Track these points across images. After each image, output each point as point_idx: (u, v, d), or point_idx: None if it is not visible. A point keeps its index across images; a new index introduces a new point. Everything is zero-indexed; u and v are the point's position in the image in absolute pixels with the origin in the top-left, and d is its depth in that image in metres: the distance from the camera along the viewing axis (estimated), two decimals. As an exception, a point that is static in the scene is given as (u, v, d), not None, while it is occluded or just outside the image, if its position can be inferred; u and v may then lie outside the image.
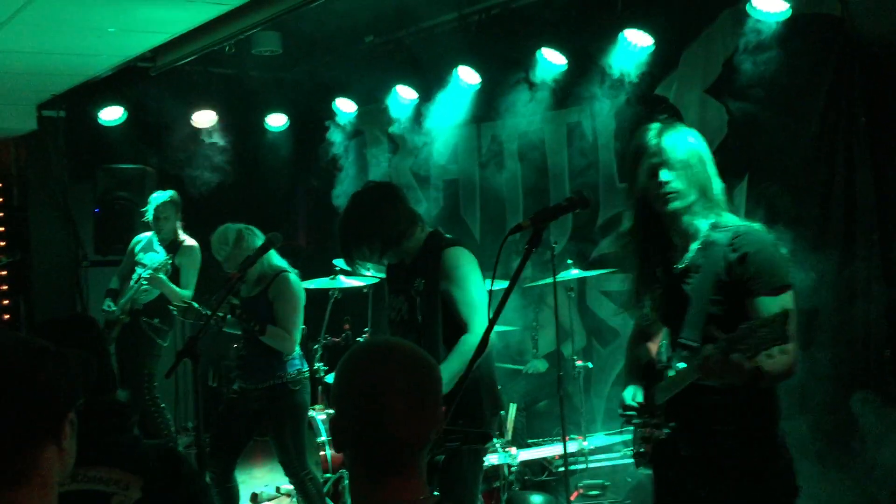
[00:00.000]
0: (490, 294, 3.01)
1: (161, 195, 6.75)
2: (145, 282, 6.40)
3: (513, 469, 5.04)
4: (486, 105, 6.80)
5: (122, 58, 6.62)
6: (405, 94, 7.13)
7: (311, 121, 8.13)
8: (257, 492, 6.63)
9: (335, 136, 7.84)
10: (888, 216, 4.63)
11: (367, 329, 6.56)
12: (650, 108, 5.08)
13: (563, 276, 5.43)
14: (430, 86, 6.83)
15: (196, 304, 5.27)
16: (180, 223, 6.80)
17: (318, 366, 6.20)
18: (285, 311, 5.16)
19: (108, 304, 6.70)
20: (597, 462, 5.32)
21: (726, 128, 5.34)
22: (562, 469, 4.93)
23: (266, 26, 6.12)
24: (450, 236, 4.02)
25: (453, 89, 6.67)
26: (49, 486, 1.76)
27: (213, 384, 6.81)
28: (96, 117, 7.75)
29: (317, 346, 6.41)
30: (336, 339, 6.54)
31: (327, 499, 5.53)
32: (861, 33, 4.58)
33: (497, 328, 3.86)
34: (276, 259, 5.24)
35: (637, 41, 5.50)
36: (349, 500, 5.44)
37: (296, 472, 5.29)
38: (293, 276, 5.26)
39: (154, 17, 5.60)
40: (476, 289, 3.82)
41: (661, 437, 3.05)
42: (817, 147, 4.87)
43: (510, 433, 5.34)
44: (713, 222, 2.95)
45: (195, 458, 3.67)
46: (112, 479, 2.47)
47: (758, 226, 2.93)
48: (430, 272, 3.85)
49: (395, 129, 7.52)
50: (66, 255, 8.32)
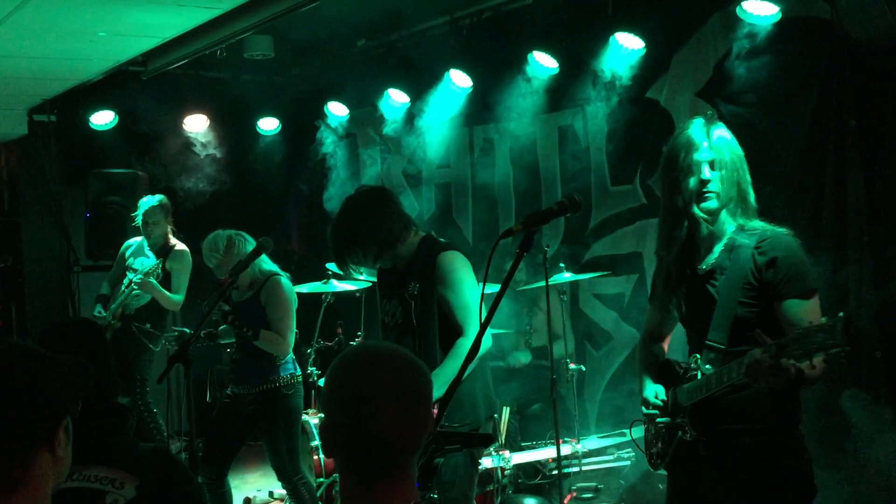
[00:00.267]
0: (482, 297, 3.00)
1: (150, 199, 6.71)
2: (136, 287, 6.39)
3: (506, 472, 5.03)
4: (478, 108, 6.81)
5: (113, 62, 6.60)
6: (397, 97, 7.13)
7: (304, 125, 8.12)
8: (250, 496, 6.62)
9: (327, 139, 7.83)
10: (879, 218, 4.65)
11: (359, 333, 6.55)
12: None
13: (555, 279, 5.44)
14: (422, 89, 6.83)
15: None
16: (170, 227, 6.77)
17: (311, 370, 6.19)
18: (278, 315, 5.15)
19: (99, 309, 6.67)
20: (590, 465, 5.32)
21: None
22: (555, 472, 4.94)
23: (258, 30, 6.12)
24: (443, 240, 4.01)
25: (445, 92, 6.68)
26: (42, 493, 1.74)
27: (209, 400, 6.76)
28: (87, 122, 7.73)
29: (310, 351, 6.40)
30: (329, 344, 6.53)
31: (320, 503, 5.52)
32: (851, 36, 4.59)
33: (490, 331, 3.87)
34: (266, 263, 5.23)
35: (628, 44, 5.52)
36: (342, 505, 5.43)
37: (289, 476, 5.27)
38: (284, 279, 5.25)
39: (145, 21, 5.59)
40: (470, 292, 3.81)
41: (686, 439, 3.01)
42: (808, 149, 4.89)
43: (503, 436, 5.33)
44: (740, 224, 2.95)
45: (188, 462, 3.66)
46: (107, 478, 2.48)
47: (783, 230, 2.93)
48: (425, 276, 3.84)
49: (387, 132, 7.52)
50: (57, 260, 8.27)
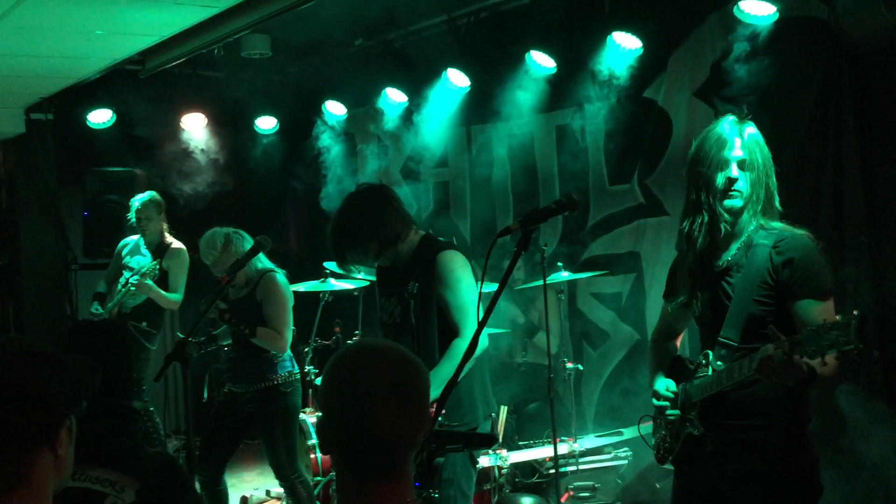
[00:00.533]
0: (479, 297, 3.00)
1: (141, 196, 6.68)
2: (133, 287, 6.37)
3: (503, 471, 5.03)
4: (476, 107, 6.81)
5: (110, 61, 6.59)
6: (395, 96, 7.13)
7: (301, 123, 8.12)
8: (247, 495, 6.61)
9: (324, 138, 7.83)
10: (877, 217, 4.65)
11: (357, 332, 6.55)
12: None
13: (553, 278, 5.43)
14: (420, 88, 6.83)
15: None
16: (166, 224, 6.74)
17: (308, 368, 6.18)
18: (275, 311, 5.15)
19: (96, 307, 6.65)
20: (587, 464, 5.32)
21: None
22: (552, 471, 4.94)
23: (255, 29, 6.12)
24: (443, 239, 4.01)
25: (443, 92, 6.68)
26: (43, 492, 1.73)
27: (205, 399, 6.77)
28: (85, 120, 7.73)
29: (307, 349, 6.40)
30: (326, 342, 6.53)
31: (317, 502, 5.51)
32: (848, 35, 4.59)
33: (488, 330, 3.86)
34: (262, 261, 5.23)
35: (626, 44, 5.52)
36: (339, 504, 5.43)
37: (286, 475, 5.27)
38: (280, 275, 5.25)
39: (142, 19, 5.59)
40: (468, 293, 3.81)
41: (694, 434, 3.02)
42: (806, 149, 4.89)
43: (500, 435, 5.33)
44: (760, 224, 2.95)
45: (185, 461, 3.65)
46: (109, 480, 2.47)
47: (802, 231, 2.92)
48: (424, 275, 3.84)
49: (384, 131, 7.52)
50: (54, 259, 8.27)
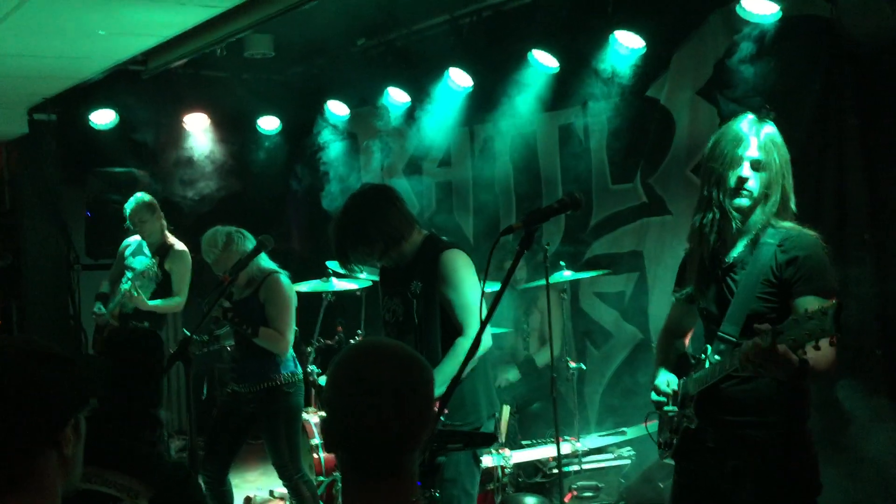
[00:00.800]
0: (482, 296, 3.00)
1: (132, 200, 6.56)
2: (135, 291, 6.28)
3: (506, 471, 5.04)
4: (479, 107, 6.81)
5: (113, 61, 6.60)
6: (397, 96, 7.13)
7: (304, 123, 8.12)
8: (251, 495, 6.61)
9: (327, 138, 7.83)
10: (880, 216, 4.64)
11: (360, 332, 6.55)
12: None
13: (555, 277, 5.43)
14: (423, 88, 6.83)
15: None
16: (164, 223, 6.66)
17: (311, 368, 6.18)
18: (277, 312, 5.15)
19: (99, 307, 6.65)
20: (590, 463, 5.31)
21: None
22: (555, 471, 4.93)
23: (258, 29, 6.12)
24: (446, 239, 4.01)
25: (445, 91, 6.68)
26: (48, 494, 1.70)
27: (204, 397, 6.75)
28: (88, 121, 7.72)
29: (310, 349, 6.40)
30: (329, 342, 6.52)
31: (321, 502, 5.52)
32: (851, 34, 4.59)
33: (491, 330, 3.86)
34: (265, 261, 5.23)
35: (628, 43, 5.51)
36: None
37: (290, 475, 5.28)
38: (283, 276, 5.25)
39: (145, 20, 5.59)
40: (472, 292, 3.81)
41: (691, 428, 3.03)
42: (808, 148, 4.88)
43: (504, 435, 5.33)
44: (770, 223, 2.95)
45: (188, 461, 3.66)
46: (123, 485, 2.47)
47: (810, 232, 2.93)
48: (427, 275, 3.84)
49: (387, 130, 7.52)
50: (57, 259, 8.28)
